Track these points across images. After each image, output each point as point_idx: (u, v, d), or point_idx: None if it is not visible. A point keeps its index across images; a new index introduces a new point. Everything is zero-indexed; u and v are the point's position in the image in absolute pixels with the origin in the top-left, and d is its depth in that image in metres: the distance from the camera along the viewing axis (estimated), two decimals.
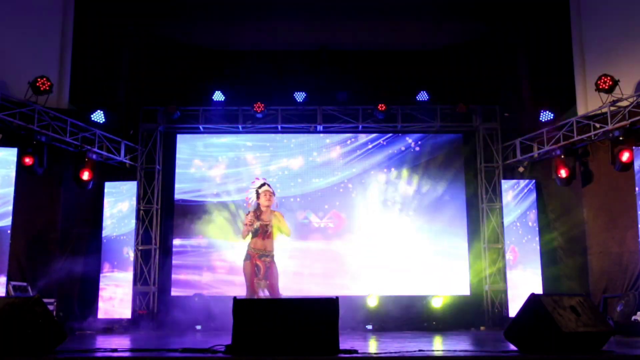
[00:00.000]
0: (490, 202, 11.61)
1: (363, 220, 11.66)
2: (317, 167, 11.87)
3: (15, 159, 9.40)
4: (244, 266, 7.18)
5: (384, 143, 11.97)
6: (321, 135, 11.99)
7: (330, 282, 11.23)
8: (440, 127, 11.84)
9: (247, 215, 7.37)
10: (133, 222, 11.30)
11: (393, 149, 11.93)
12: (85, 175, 10.37)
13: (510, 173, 11.79)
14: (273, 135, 11.98)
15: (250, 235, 7.23)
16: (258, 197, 7.36)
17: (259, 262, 7.04)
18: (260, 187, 7.42)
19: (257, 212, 7.29)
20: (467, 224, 11.69)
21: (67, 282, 10.37)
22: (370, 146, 11.96)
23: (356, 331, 10.06)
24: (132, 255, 11.10)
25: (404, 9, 11.27)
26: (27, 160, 9.38)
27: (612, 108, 9.51)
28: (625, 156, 9.21)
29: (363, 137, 12.01)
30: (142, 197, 11.52)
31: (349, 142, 11.99)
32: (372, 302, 10.91)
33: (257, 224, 7.22)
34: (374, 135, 11.99)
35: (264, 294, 7.26)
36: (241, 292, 11.23)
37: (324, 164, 11.87)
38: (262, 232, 7.12)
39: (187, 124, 11.82)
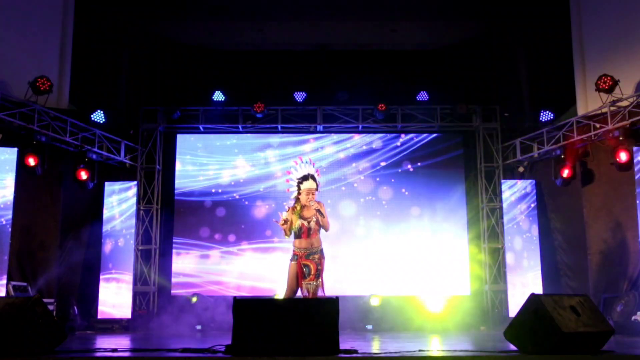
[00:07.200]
0: (490, 202, 11.60)
1: (363, 220, 11.65)
2: (316, 167, 11.82)
3: (15, 158, 9.39)
4: (289, 267, 6.21)
5: (384, 143, 11.96)
6: (321, 134, 11.99)
7: (330, 282, 11.18)
8: (440, 127, 11.83)
9: (285, 212, 6.33)
10: (125, 218, 11.28)
11: (393, 150, 11.92)
12: (85, 175, 10.38)
13: (510, 173, 11.79)
14: (273, 134, 11.98)
15: (293, 233, 6.32)
16: (299, 192, 6.37)
17: (308, 262, 6.14)
18: (302, 181, 6.43)
19: (297, 206, 6.31)
20: (467, 224, 11.67)
21: (67, 282, 10.38)
22: (369, 146, 11.95)
23: (356, 331, 10.06)
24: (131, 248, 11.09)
25: (404, 9, 11.27)
26: (31, 161, 9.37)
27: (612, 108, 9.50)
28: (624, 156, 9.21)
29: (362, 137, 12.00)
30: (142, 197, 11.51)
31: (347, 141, 11.98)
32: (375, 302, 10.88)
33: (298, 223, 6.21)
34: (373, 135, 11.98)
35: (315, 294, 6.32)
36: (241, 291, 11.32)
37: (323, 164, 11.86)
38: (306, 231, 6.23)
39: (187, 124, 11.82)
